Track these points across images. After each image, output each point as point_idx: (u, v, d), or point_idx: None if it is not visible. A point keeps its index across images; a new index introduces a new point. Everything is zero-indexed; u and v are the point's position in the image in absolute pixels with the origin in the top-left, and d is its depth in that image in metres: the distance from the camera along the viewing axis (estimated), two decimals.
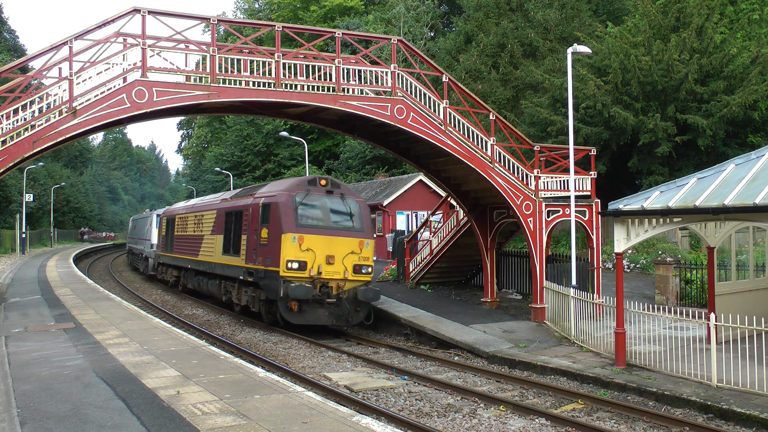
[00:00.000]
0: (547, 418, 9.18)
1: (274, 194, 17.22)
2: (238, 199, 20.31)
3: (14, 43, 65.93)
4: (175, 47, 16.58)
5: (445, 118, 17.82)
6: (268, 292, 16.67)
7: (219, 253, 20.63)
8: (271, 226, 16.59)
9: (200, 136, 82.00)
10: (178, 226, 27.13)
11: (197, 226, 23.97)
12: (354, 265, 16.42)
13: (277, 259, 15.97)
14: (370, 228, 17.63)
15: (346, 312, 16.23)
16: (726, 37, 29.17)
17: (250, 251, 17.74)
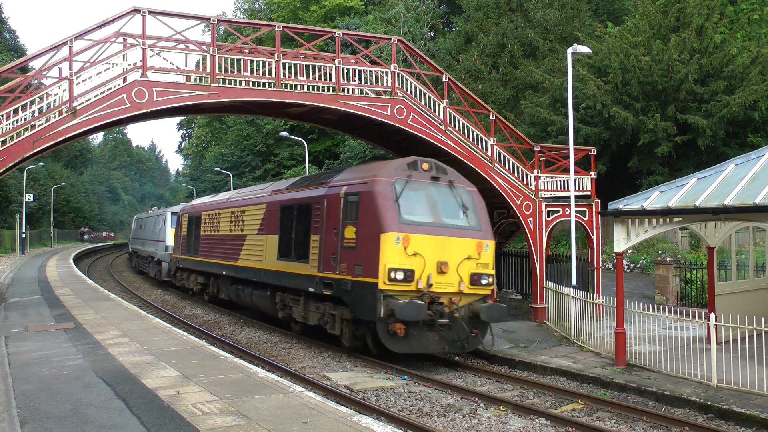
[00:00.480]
0: (547, 418, 9.18)
1: (364, 181, 13.22)
2: (302, 190, 16.03)
3: (14, 43, 65.92)
4: (175, 47, 16.59)
5: (445, 118, 17.82)
6: (359, 309, 12.74)
7: (272, 257, 16.62)
8: (363, 223, 12.73)
9: (200, 136, 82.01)
10: (206, 225, 22.76)
11: (235, 224, 19.82)
12: (471, 274, 12.66)
13: (374, 266, 12.13)
14: (489, 225, 13.69)
15: (461, 335, 12.48)
16: (726, 37, 29.17)
17: (326, 256, 13.82)
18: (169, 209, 31.82)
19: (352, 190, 13.40)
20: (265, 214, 17.55)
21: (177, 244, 26.63)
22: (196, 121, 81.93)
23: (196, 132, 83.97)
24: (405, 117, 17.21)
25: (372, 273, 12.17)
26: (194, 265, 23.82)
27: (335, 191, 14.05)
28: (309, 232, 14.75)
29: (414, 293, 12.15)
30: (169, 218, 29.94)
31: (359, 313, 12.71)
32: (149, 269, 34.05)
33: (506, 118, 29.67)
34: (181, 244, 25.97)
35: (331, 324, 14.05)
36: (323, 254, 13.91)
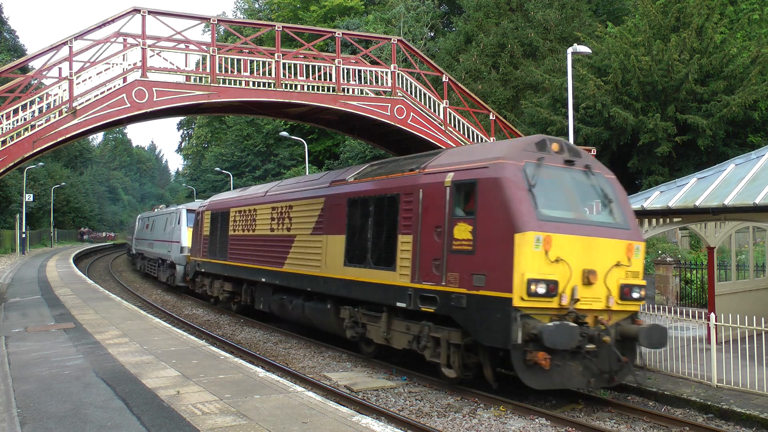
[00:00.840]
0: (547, 418, 9.18)
1: (482, 164, 10.10)
2: (381, 179, 12.55)
3: (14, 43, 65.95)
4: (175, 47, 16.61)
5: (445, 118, 17.81)
6: (480, 332, 9.70)
7: (336, 262, 13.42)
8: (484, 219, 9.75)
9: (200, 136, 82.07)
10: (237, 224, 19.40)
11: (279, 222, 16.48)
12: (621, 285, 9.88)
13: (506, 276, 9.22)
14: (636, 222, 10.85)
15: (611, 365, 9.67)
16: (726, 37, 29.19)
17: (423, 262, 10.78)
18: (184, 206, 28.30)
19: (466, 177, 10.25)
20: (325, 210, 14.20)
21: (196, 246, 23.08)
22: (196, 121, 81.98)
23: (196, 132, 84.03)
24: (405, 117, 17.21)
25: (502, 285, 9.28)
26: (220, 269, 20.40)
27: (436, 179, 10.87)
28: (395, 231, 11.61)
29: (555, 311, 9.35)
30: (185, 216, 26.75)
31: (480, 336, 9.69)
32: (159, 273, 30.58)
33: (506, 118, 29.70)
34: (201, 245, 22.41)
35: (431, 349, 10.83)
36: (419, 260, 10.88)
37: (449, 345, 10.47)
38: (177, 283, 26.59)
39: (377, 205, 12.33)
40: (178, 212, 27.86)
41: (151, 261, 33.31)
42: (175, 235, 27.12)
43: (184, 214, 26.80)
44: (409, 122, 17.25)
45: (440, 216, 10.57)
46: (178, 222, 27.19)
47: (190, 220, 25.46)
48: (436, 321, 10.73)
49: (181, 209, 27.77)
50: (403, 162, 12.68)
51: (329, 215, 14.01)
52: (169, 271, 28.19)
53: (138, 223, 41.09)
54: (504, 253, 9.29)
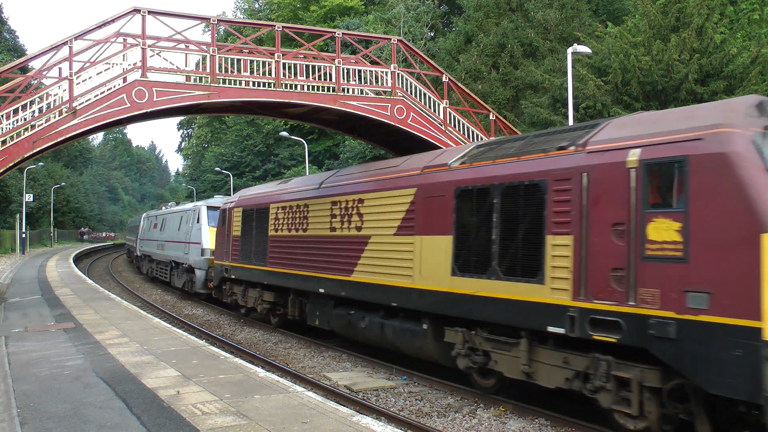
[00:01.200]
0: (546, 418, 9.17)
1: (692, 135, 7.40)
2: (510, 161, 9.70)
3: (14, 43, 66.00)
4: (175, 47, 16.62)
5: (445, 118, 17.82)
6: (704, 376, 6.93)
7: (438, 271, 10.57)
8: (705, 211, 7.10)
9: (200, 136, 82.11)
10: (281, 222, 16.17)
11: (346, 220, 13.26)
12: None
13: (748, 296, 6.62)
14: None
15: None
16: (726, 37, 29.20)
17: (594, 272, 8.07)
18: (204, 203, 24.98)
19: (665, 153, 7.55)
20: (417, 204, 11.21)
21: (222, 248, 20.03)
22: (196, 121, 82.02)
23: (196, 132, 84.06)
24: (405, 117, 17.23)
25: (741, 309, 6.66)
26: (258, 276, 17.27)
27: (611, 158, 8.10)
28: (540, 230, 8.84)
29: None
30: (205, 214, 23.66)
31: (703, 380, 6.94)
32: (173, 278, 27.40)
33: (506, 118, 29.70)
34: (230, 247, 19.23)
35: (611, 393, 7.94)
36: (586, 269, 8.14)
37: (641, 388, 7.67)
38: (197, 289, 23.25)
39: (507, 195, 9.46)
40: (196, 210, 24.63)
41: (161, 264, 30.26)
42: (194, 236, 23.96)
43: (205, 212, 23.68)
44: (409, 122, 17.26)
45: (621, 209, 7.82)
46: (196, 220, 24.11)
47: (212, 219, 22.68)
48: (618, 354, 7.91)
49: (200, 206, 24.46)
50: (541, 139, 9.83)
51: (424, 210, 11.09)
52: (186, 276, 24.98)
53: (143, 223, 38.11)
54: (742, 261, 6.68)
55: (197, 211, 24.52)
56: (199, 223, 23.88)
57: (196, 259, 23.34)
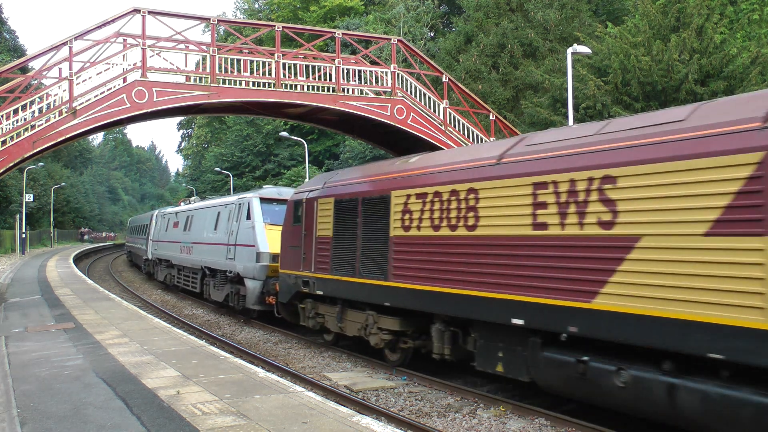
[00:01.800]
0: (546, 418, 9.17)
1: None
2: None
3: (14, 43, 66.03)
4: (175, 47, 16.63)
5: (445, 118, 17.83)
6: None
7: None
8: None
9: (200, 136, 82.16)
10: (416, 216, 11.16)
11: (573, 212, 8.44)
12: None
13: None
14: None
15: None
16: (726, 37, 29.22)
17: None
18: (254, 194, 19.24)
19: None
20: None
21: (293, 253, 14.94)
22: (196, 121, 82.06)
23: (196, 132, 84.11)
24: (405, 117, 17.23)
25: None
26: (370, 294, 12.03)
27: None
28: None
29: None
30: (259, 208, 18.35)
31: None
32: (209, 290, 21.59)
33: (506, 118, 29.73)
34: (311, 252, 14.06)
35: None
36: None
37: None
38: (249, 305, 17.71)
39: None
40: (244, 203, 19.10)
41: (188, 272, 24.60)
42: (244, 236, 18.50)
43: (258, 206, 18.41)
44: (409, 122, 17.27)
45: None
46: (245, 216, 18.73)
47: (269, 214, 18.14)
48: None
49: (249, 198, 18.87)
50: None
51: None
52: (229, 287, 19.54)
53: (156, 222, 32.39)
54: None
55: (246, 204, 18.96)
56: (250, 219, 18.34)
57: (248, 266, 17.80)
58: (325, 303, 14.05)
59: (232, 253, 19.23)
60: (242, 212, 19.14)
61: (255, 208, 18.47)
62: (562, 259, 8.49)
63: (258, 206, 18.42)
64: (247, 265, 17.92)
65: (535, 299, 8.77)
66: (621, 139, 8.15)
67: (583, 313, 8.09)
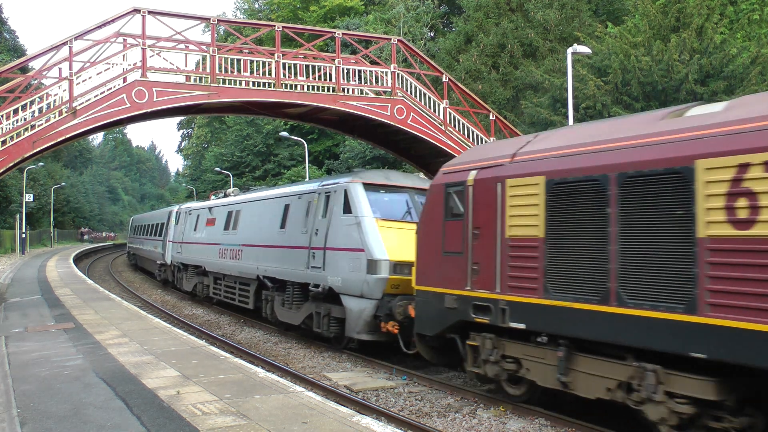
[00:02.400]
0: (546, 418, 9.17)
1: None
2: None
3: (14, 43, 66.05)
4: (175, 47, 16.63)
5: (445, 118, 17.83)
6: None
7: None
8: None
9: (200, 136, 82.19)
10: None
11: None
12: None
13: None
14: None
15: None
16: (726, 37, 29.22)
17: None
18: (351, 178, 13.95)
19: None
20: None
21: (444, 263, 10.24)
22: (196, 121, 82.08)
23: (196, 132, 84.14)
24: (405, 117, 17.23)
25: None
26: (638, 334, 7.34)
27: None
28: None
29: None
30: (363, 198, 13.31)
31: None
32: (275, 308, 16.43)
33: (506, 118, 29.73)
34: (496, 265, 9.30)
35: None
36: None
37: None
38: (352, 333, 12.89)
39: None
40: (338, 190, 13.81)
41: (231, 281, 19.67)
42: (343, 237, 13.30)
43: (361, 193, 13.29)
44: (409, 122, 17.27)
45: None
46: (343, 209, 13.50)
47: (377, 206, 13.21)
48: None
49: (346, 184, 13.64)
50: None
51: None
52: (313, 307, 14.37)
53: (182, 219, 26.69)
54: None
55: (340, 192, 13.74)
56: (351, 213, 13.18)
57: (352, 279, 12.72)
58: (526, 342, 9.12)
59: (318, 260, 14.01)
60: (334, 204, 13.86)
61: (358, 198, 13.28)
62: None
63: (363, 195, 13.28)
64: (350, 277, 12.80)
65: None
66: None
67: None
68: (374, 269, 12.33)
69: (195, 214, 24.99)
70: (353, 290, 12.76)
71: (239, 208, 19.94)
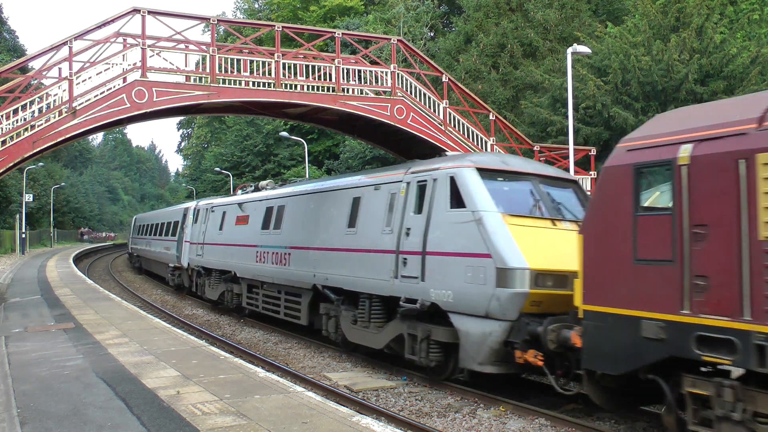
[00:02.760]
0: (546, 418, 9.17)
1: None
2: None
3: (14, 43, 66.08)
4: (174, 47, 16.63)
5: (444, 118, 17.83)
6: None
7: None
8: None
9: (200, 136, 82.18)
10: None
11: None
12: None
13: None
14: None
15: None
16: (726, 37, 29.21)
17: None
18: (459, 162, 10.83)
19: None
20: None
21: (636, 275, 7.31)
22: (196, 121, 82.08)
23: (196, 132, 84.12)
24: (405, 117, 17.23)
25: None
26: None
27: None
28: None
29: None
30: (481, 187, 10.21)
31: None
32: (342, 325, 13.21)
33: (506, 118, 29.72)
34: (763, 282, 6.12)
35: None
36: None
37: None
38: (471, 363, 9.94)
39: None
40: (441, 178, 10.84)
41: (274, 290, 16.67)
42: (456, 238, 10.27)
43: (476, 181, 10.33)
44: (409, 122, 17.27)
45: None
46: (450, 202, 10.56)
47: (500, 198, 10.21)
48: None
49: (452, 170, 10.68)
50: None
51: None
52: (404, 327, 11.31)
53: (200, 216, 23.34)
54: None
55: (444, 180, 10.72)
56: (465, 208, 10.22)
57: (471, 293, 9.81)
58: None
59: (413, 267, 10.89)
60: (435, 195, 10.82)
61: (474, 187, 10.17)
62: None
63: (479, 183, 10.24)
64: (467, 291, 9.83)
65: None
66: None
67: None
68: (508, 281, 9.25)
69: (220, 211, 21.37)
70: (472, 308, 9.74)
71: (282, 203, 16.52)
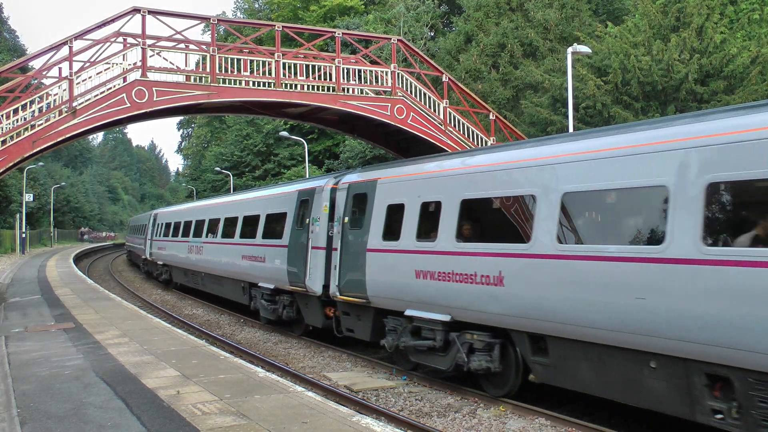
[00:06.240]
0: (546, 418, 9.17)
1: None
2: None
3: (14, 43, 66.08)
4: (175, 47, 16.63)
5: (444, 117, 17.83)
6: None
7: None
8: None
9: (200, 136, 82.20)
10: None
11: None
12: None
13: None
14: None
15: None
16: (726, 37, 29.20)
17: None
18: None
19: None
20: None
21: None
22: (196, 121, 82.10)
23: (196, 132, 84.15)
24: (405, 117, 17.24)
25: None
26: None
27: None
28: None
29: None
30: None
31: None
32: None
33: (506, 118, 29.72)
34: None
35: None
36: None
37: None
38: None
39: None
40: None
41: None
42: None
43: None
44: (409, 122, 17.27)
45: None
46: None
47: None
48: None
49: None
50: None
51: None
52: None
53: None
54: None
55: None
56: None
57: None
58: None
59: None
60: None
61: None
62: None
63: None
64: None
65: None
66: None
67: None
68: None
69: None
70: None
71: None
